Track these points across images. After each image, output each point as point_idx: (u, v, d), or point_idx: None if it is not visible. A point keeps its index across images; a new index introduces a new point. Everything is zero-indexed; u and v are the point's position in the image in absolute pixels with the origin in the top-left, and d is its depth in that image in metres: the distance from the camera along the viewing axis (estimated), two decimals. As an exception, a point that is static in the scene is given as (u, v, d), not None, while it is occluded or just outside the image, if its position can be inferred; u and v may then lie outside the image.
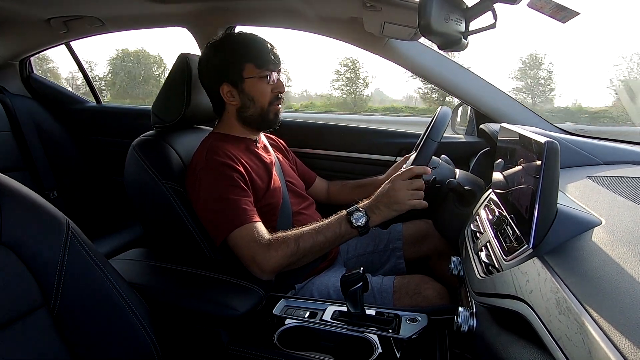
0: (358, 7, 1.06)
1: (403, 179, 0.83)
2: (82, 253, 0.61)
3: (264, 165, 1.00)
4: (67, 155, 1.68)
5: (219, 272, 0.83)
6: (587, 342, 0.31)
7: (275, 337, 0.72)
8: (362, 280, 0.70)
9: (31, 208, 0.58)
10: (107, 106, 1.82)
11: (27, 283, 0.55)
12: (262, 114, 0.97)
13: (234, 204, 0.85)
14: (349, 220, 0.83)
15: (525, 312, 0.42)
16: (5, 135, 1.54)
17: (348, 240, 0.86)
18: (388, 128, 1.46)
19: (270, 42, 0.97)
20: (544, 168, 0.45)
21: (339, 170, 1.43)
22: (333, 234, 0.83)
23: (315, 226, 0.84)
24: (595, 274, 0.38)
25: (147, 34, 14.28)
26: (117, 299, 0.63)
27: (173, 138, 0.98)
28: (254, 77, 0.94)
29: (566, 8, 0.72)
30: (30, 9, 1.39)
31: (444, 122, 0.91)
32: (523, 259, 0.48)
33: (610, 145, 0.93)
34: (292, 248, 0.81)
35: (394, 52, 1.25)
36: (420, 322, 0.73)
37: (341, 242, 0.85)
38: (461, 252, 0.81)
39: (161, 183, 0.89)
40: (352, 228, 0.82)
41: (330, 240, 0.83)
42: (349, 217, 0.83)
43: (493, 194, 0.75)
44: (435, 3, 0.71)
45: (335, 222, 0.84)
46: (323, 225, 0.84)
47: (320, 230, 0.83)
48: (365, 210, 0.83)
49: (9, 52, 1.67)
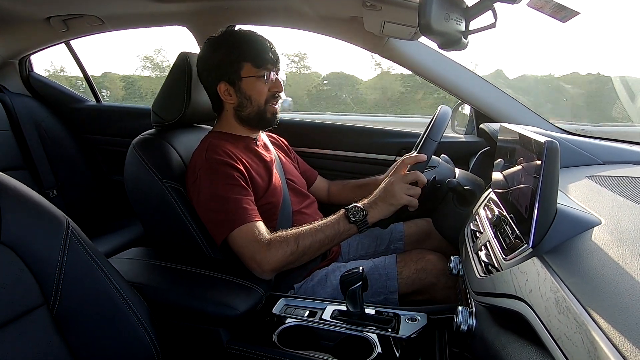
0: (358, 6, 1.05)
1: (402, 174, 0.85)
2: (82, 252, 0.61)
3: (264, 163, 1.00)
4: (67, 154, 1.68)
5: (219, 272, 0.83)
6: (586, 341, 0.31)
7: (275, 336, 0.72)
8: (361, 280, 0.70)
9: (31, 207, 0.58)
10: (107, 105, 1.82)
11: (27, 282, 0.55)
12: (259, 112, 0.97)
13: (234, 203, 0.85)
14: (347, 216, 0.83)
15: (525, 311, 0.42)
16: (5, 135, 1.54)
17: (347, 237, 0.86)
18: (388, 127, 1.46)
19: (269, 40, 0.97)
20: (543, 168, 0.45)
21: (339, 170, 1.43)
22: (332, 231, 0.83)
23: (314, 225, 0.85)
24: (595, 273, 0.38)
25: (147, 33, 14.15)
26: (117, 298, 0.64)
27: (173, 137, 0.98)
28: (251, 77, 0.94)
29: (566, 7, 0.72)
30: (30, 8, 1.39)
31: (443, 121, 0.91)
32: (522, 259, 0.48)
33: (610, 145, 0.93)
34: (292, 246, 0.81)
35: (393, 51, 1.25)
36: (420, 321, 0.73)
37: (340, 239, 0.85)
38: (461, 251, 0.81)
39: (161, 182, 0.89)
40: (350, 223, 0.83)
41: (329, 237, 0.83)
42: (347, 213, 0.84)
43: (493, 194, 0.75)
44: (436, 2, 0.71)
45: (334, 220, 0.85)
46: (322, 224, 0.85)
47: (320, 229, 0.84)
48: (363, 206, 0.84)
49: (9, 51, 1.67)
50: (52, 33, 1.53)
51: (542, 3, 0.73)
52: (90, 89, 1.83)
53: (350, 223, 0.83)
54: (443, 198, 0.95)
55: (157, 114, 1.00)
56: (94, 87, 1.83)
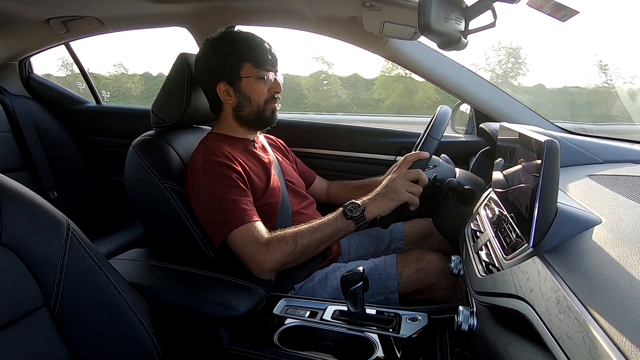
0: (357, 7, 1.05)
1: (405, 170, 0.86)
2: (82, 253, 0.61)
3: (263, 165, 1.00)
4: (67, 155, 1.68)
5: (219, 272, 0.83)
6: (587, 340, 0.31)
7: (276, 336, 0.72)
8: (362, 280, 0.70)
9: (31, 209, 0.58)
10: (107, 106, 1.82)
11: (28, 283, 0.55)
12: (258, 112, 0.97)
13: (232, 204, 0.85)
14: (345, 213, 0.84)
15: (526, 310, 0.42)
16: (5, 136, 1.54)
17: (346, 234, 0.86)
18: (388, 127, 1.46)
19: (267, 41, 0.97)
20: (544, 167, 0.45)
21: (339, 170, 1.42)
22: (330, 229, 0.84)
23: (312, 223, 0.85)
24: (596, 272, 0.38)
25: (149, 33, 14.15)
26: (118, 299, 0.63)
27: (173, 138, 0.98)
28: (251, 77, 0.94)
29: (565, 7, 0.72)
30: (30, 9, 1.39)
31: (444, 121, 0.92)
32: (523, 258, 0.48)
33: (611, 144, 0.93)
34: (291, 246, 0.81)
35: (393, 51, 1.25)
36: (421, 321, 0.73)
37: (339, 236, 0.85)
38: (461, 251, 0.81)
39: (161, 183, 0.89)
40: (347, 220, 0.83)
41: (327, 235, 0.84)
42: (345, 210, 0.84)
43: (493, 193, 0.74)
44: (435, 2, 0.71)
45: (332, 218, 0.85)
46: (320, 222, 0.85)
47: (318, 227, 0.84)
48: (361, 202, 0.84)
49: (9, 53, 1.67)
50: (52, 34, 1.53)
51: (542, 2, 0.73)
52: (90, 90, 1.83)
53: (348, 219, 0.83)
54: (443, 198, 0.95)
55: (157, 115, 1.00)
56: (94, 88, 1.83)
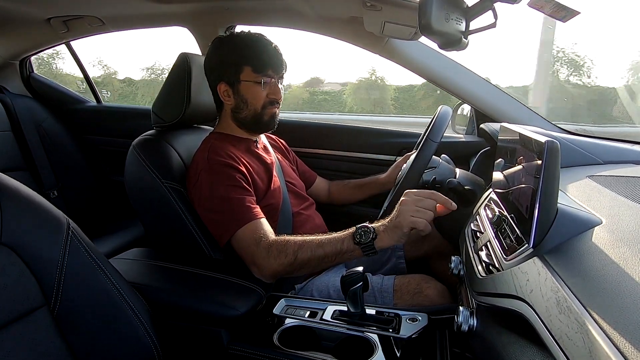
0: (358, 7, 1.05)
1: (413, 192, 0.77)
2: (83, 253, 0.61)
3: (265, 165, 1.00)
4: (67, 155, 1.68)
5: (219, 272, 0.83)
6: (587, 341, 0.31)
7: (276, 336, 0.72)
8: (362, 280, 0.70)
9: (32, 208, 0.58)
10: (108, 106, 1.83)
11: (28, 283, 0.55)
12: (255, 116, 0.96)
13: (237, 203, 0.85)
14: (354, 236, 0.77)
15: (526, 311, 0.42)
16: (5, 135, 1.54)
17: (351, 259, 0.80)
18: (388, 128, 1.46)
19: (276, 45, 0.94)
20: (544, 167, 0.45)
21: (339, 170, 1.43)
22: (333, 249, 0.78)
23: (318, 238, 0.81)
24: (596, 273, 0.38)
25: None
26: (118, 298, 0.64)
27: (173, 138, 0.98)
28: (249, 81, 0.93)
29: (567, 7, 0.72)
30: (31, 9, 1.39)
31: (444, 121, 0.92)
32: (523, 259, 0.48)
33: (611, 145, 0.93)
34: (290, 258, 0.79)
35: (394, 51, 1.25)
36: (421, 321, 0.73)
37: (342, 259, 0.79)
38: (461, 251, 0.81)
39: (161, 183, 0.89)
40: (354, 244, 0.76)
41: (329, 255, 0.78)
42: (355, 233, 0.77)
43: (493, 194, 0.74)
44: (436, 2, 0.71)
45: (340, 237, 0.79)
46: (325, 239, 0.80)
47: (321, 244, 0.79)
48: (374, 228, 0.76)
49: (9, 52, 1.67)
50: (52, 34, 1.54)
51: (543, 3, 0.73)
52: (90, 89, 1.83)
53: (355, 244, 0.77)
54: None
55: (157, 115, 1.00)
56: (94, 87, 1.83)
